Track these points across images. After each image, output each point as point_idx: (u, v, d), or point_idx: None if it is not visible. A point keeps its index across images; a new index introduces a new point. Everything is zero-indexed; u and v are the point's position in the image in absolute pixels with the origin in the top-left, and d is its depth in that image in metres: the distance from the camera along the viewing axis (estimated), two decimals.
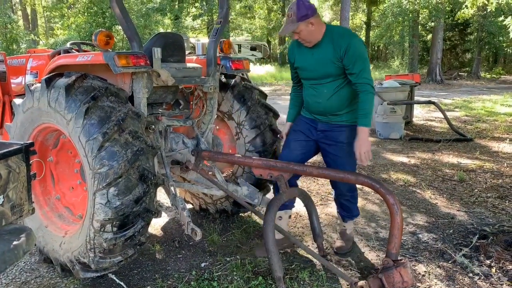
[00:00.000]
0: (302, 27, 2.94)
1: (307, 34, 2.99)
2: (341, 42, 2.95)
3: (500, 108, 12.76)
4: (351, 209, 3.48)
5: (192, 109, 3.76)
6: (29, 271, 3.25)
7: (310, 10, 2.93)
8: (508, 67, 38.92)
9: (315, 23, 2.95)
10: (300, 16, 2.90)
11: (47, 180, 3.32)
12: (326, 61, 3.02)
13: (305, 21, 2.91)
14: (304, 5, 2.92)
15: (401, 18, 26.59)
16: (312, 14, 2.93)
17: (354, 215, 3.54)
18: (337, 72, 3.04)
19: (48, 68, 3.26)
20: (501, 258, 3.22)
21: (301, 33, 2.99)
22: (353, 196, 3.44)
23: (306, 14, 2.90)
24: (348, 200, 3.42)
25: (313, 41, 3.03)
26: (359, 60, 2.94)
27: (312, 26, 2.95)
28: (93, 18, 21.11)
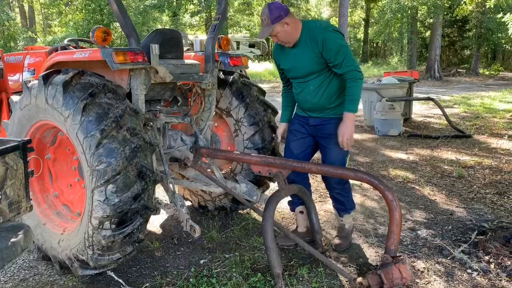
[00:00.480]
0: (278, 29, 2.95)
1: (285, 35, 3.00)
2: (317, 37, 2.93)
3: (499, 104, 12.76)
4: (344, 202, 3.43)
5: (191, 106, 3.75)
6: (28, 268, 3.24)
7: (283, 10, 2.94)
8: (506, 63, 38.96)
9: (290, 23, 2.95)
10: (273, 18, 2.92)
11: (45, 177, 3.31)
12: (307, 58, 3.03)
13: (280, 22, 2.93)
14: (275, 7, 2.94)
15: (399, 14, 26.57)
16: (285, 14, 2.94)
17: (348, 209, 3.48)
18: (320, 68, 3.04)
19: (45, 65, 3.24)
20: (500, 254, 3.23)
21: (278, 34, 3.00)
22: (344, 189, 3.39)
23: (279, 15, 2.92)
24: (340, 193, 3.38)
25: (292, 41, 3.04)
26: (339, 50, 2.91)
27: (288, 26, 2.95)
28: (91, 15, 21.06)
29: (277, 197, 3.10)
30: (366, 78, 22.00)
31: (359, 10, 41.11)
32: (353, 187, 5.07)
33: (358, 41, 43.55)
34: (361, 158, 6.58)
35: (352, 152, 6.88)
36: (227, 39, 3.71)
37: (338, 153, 3.16)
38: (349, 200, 3.45)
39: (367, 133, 8.59)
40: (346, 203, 3.44)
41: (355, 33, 43.13)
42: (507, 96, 15.17)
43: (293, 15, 3.02)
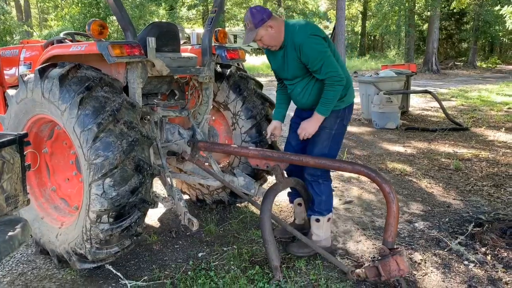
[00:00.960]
0: (262, 32, 2.91)
1: (269, 39, 2.95)
2: (296, 41, 2.87)
3: (496, 97, 12.77)
4: (314, 200, 3.17)
5: (188, 100, 3.74)
6: (26, 262, 3.24)
7: (265, 13, 2.89)
8: (504, 56, 38.95)
9: (273, 26, 2.90)
10: (256, 22, 2.87)
11: (42, 171, 3.30)
12: (290, 61, 2.99)
13: (263, 25, 2.88)
14: (257, 10, 2.90)
15: (397, 7, 26.50)
16: (268, 17, 2.89)
17: (316, 211, 3.16)
18: (303, 72, 3.00)
19: (41, 58, 3.23)
20: (496, 246, 3.25)
21: (263, 39, 2.95)
22: (317, 183, 3.12)
23: (262, 18, 2.87)
24: (312, 188, 3.15)
25: (277, 44, 2.99)
26: (316, 57, 2.84)
27: (272, 29, 2.90)
28: (87, 9, 20.93)
29: (275, 190, 3.11)
30: (364, 71, 22.02)
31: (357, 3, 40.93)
32: (350, 180, 5.09)
33: (356, 34, 43.42)
34: (359, 151, 6.59)
35: (350, 145, 6.89)
36: (224, 32, 3.69)
37: (320, 146, 3.08)
38: (320, 201, 3.14)
39: (364, 126, 8.60)
40: (315, 201, 3.16)
41: (353, 26, 42.99)
42: (504, 89, 15.19)
43: (276, 17, 2.96)
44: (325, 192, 3.16)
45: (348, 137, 7.58)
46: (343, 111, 3.10)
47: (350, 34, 42.16)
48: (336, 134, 3.10)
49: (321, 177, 3.13)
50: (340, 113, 3.08)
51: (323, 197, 3.15)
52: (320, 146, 3.07)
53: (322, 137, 3.07)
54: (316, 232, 3.22)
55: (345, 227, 3.79)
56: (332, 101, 2.91)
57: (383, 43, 47.30)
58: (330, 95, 2.89)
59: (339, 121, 3.09)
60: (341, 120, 3.09)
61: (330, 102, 2.91)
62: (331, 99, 2.90)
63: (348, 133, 7.87)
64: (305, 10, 40.62)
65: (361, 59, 33.64)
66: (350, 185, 4.96)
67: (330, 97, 2.89)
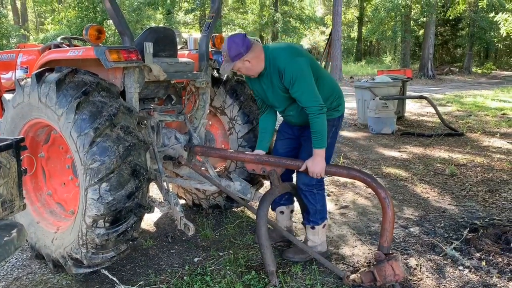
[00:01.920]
0: (238, 65, 2.83)
1: (247, 70, 2.88)
2: (278, 66, 2.79)
3: (491, 103, 12.85)
4: (308, 210, 3.14)
5: (185, 104, 3.75)
6: (21, 267, 3.23)
7: (243, 47, 2.76)
8: (499, 62, 39.20)
9: (251, 59, 2.80)
10: (232, 56, 2.78)
11: (39, 176, 3.30)
12: (274, 89, 2.92)
13: (240, 59, 2.79)
14: (235, 43, 2.77)
15: (393, 13, 26.64)
16: (245, 51, 2.76)
17: (311, 221, 3.15)
18: (290, 97, 2.89)
19: (38, 63, 3.23)
20: (491, 251, 3.26)
21: (240, 70, 2.89)
22: (312, 195, 3.08)
23: (239, 53, 2.76)
24: (306, 197, 3.10)
25: (256, 73, 2.91)
26: (296, 83, 2.74)
27: (249, 63, 2.81)
28: (84, 13, 20.90)
29: (271, 195, 3.12)
30: (360, 76, 22.10)
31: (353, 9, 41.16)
32: (346, 185, 5.10)
33: (352, 40, 43.60)
34: (355, 156, 6.61)
35: (346, 150, 6.91)
36: (221, 37, 3.71)
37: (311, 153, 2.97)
38: (315, 211, 3.12)
39: (360, 131, 8.63)
40: (310, 212, 3.13)
41: (349, 31, 43.20)
42: (499, 95, 15.28)
43: (255, 48, 2.81)
44: (319, 202, 3.13)
45: (344, 142, 7.61)
46: (337, 119, 3.10)
47: (346, 39, 42.33)
48: (329, 143, 3.03)
49: (316, 186, 3.08)
50: (335, 122, 3.08)
51: (318, 207, 3.12)
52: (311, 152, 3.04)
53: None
54: (312, 239, 3.22)
55: (341, 232, 3.80)
56: (323, 132, 2.81)
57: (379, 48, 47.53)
58: (317, 127, 2.79)
59: (334, 130, 3.08)
60: (335, 128, 3.09)
61: (322, 133, 2.81)
62: (320, 131, 2.80)
63: (344, 138, 7.91)
64: (302, 16, 40.76)
65: (357, 64, 33.78)
66: (346, 190, 4.98)
67: (318, 129, 2.80)
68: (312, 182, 3.04)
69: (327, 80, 3.02)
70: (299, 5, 40.48)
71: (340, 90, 3.15)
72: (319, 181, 3.09)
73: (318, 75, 2.91)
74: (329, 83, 3.03)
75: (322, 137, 2.82)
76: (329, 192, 4.88)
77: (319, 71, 2.95)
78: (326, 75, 3.03)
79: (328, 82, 3.03)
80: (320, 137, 2.82)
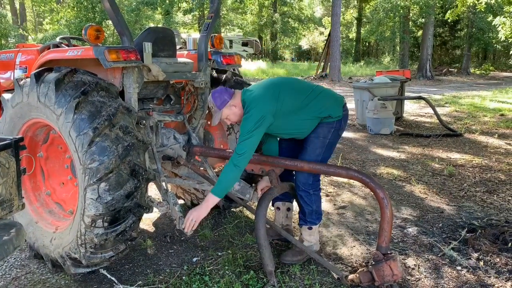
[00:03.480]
0: (226, 112, 3.01)
1: (234, 116, 3.03)
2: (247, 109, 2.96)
3: (489, 103, 12.89)
4: (304, 210, 3.17)
5: (183, 104, 3.75)
6: (20, 267, 3.23)
7: (226, 94, 2.99)
8: (497, 63, 39.33)
9: (236, 104, 2.99)
10: (219, 104, 2.98)
11: (37, 175, 3.30)
12: None
13: (226, 106, 2.98)
14: (219, 93, 3.00)
15: (392, 14, 26.70)
16: (229, 98, 2.99)
17: (308, 221, 3.17)
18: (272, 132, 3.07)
19: (37, 62, 3.23)
20: (489, 251, 3.27)
21: (229, 117, 3.05)
22: (308, 196, 3.11)
23: (224, 99, 2.97)
24: (301, 197, 3.13)
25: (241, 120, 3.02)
26: (241, 130, 2.88)
27: (235, 107, 2.99)
28: (83, 13, 20.90)
29: (270, 195, 3.12)
30: (358, 77, 22.13)
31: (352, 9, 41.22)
32: (344, 185, 5.11)
33: (351, 41, 43.67)
34: (353, 156, 6.62)
35: (344, 151, 6.92)
36: (220, 38, 3.71)
37: (313, 154, 3.04)
38: (311, 212, 3.15)
39: (359, 132, 8.64)
40: (306, 212, 3.16)
41: (348, 32, 43.25)
42: (498, 96, 15.33)
43: (237, 94, 3.03)
44: (315, 202, 3.15)
45: (342, 142, 7.62)
46: (337, 122, 3.05)
47: (345, 40, 42.39)
48: (330, 143, 3.06)
49: (312, 187, 3.10)
50: (335, 125, 3.04)
51: (314, 207, 3.15)
52: (313, 154, 3.04)
53: (315, 145, 3.04)
54: (308, 239, 3.23)
55: (339, 232, 3.81)
56: (225, 181, 2.85)
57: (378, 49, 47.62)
58: (224, 175, 2.85)
59: (334, 131, 3.05)
60: (335, 130, 3.06)
61: (223, 182, 2.85)
62: (224, 179, 2.85)
63: (343, 139, 7.91)
64: (301, 16, 40.82)
65: (356, 65, 33.85)
66: (344, 190, 4.99)
67: (223, 177, 2.85)
68: (308, 182, 3.07)
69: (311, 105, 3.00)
70: (298, 6, 40.54)
71: (332, 101, 3.09)
72: (316, 181, 3.13)
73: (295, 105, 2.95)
74: (316, 107, 3.00)
75: (222, 185, 2.85)
76: (327, 192, 4.89)
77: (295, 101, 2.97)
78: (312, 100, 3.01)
79: (315, 106, 3.00)
80: (220, 184, 2.85)
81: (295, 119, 2.98)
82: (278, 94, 2.92)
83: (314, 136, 3.04)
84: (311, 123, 3.02)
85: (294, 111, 2.95)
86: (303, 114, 2.97)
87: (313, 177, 3.09)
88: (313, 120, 3.00)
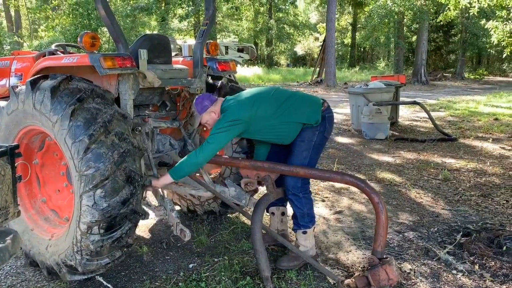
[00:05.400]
0: (206, 117, 3.14)
1: (213, 122, 3.12)
2: None
3: (484, 108, 12.97)
4: (296, 214, 3.20)
5: (179, 111, 3.76)
6: (15, 274, 3.21)
7: (207, 101, 3.11)
8: (491, 68, 39.62)
9: (215, 111, 3.10)
10: (199, 109, 3.11)
11: (33, 182, 3.29)
12: None
13: (206, 111, 3.10)
14: (201, 99, 3.11)
15: (386, 19, 26.87)
16: (210, 104, 3.10)
17: (301, 225, 3.19)
18: None
19: (33, 70, 3.24)
20: (484, 255, 3.29)
21: (208, 122, 3.17)
22: (299, 200, 3.14)
23: (204, 105, 3.09)
24: (292, 201, 3.17)
25: None
26: (213, 128, 3.02)
27: (214, 114, 3.11)
28: (79, 20, 20.89)
29: (266, 200, 3.13)
30: (354, 83, 22.21)
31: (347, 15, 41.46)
32: (341, 190, 5.12)
33: (346, 46, 43.90)
34: (349, 161, 6.64)
35: (340, 156, 6.95)
36: (215, 44, 3.73)
37: (300, 157, 3.08)
38: (303, 215, 3.17)
39: (354, 137, 8.67)
40: (298, 216, 3.19)
41: (343, 38, 43.49)
42: (492, 100, 15.44)
43: (219, 101, 3.14)
44: (306, 205, 3.17)
45: (338, 147, 7.65)
46: (321, 125, 3.07)
47: (340, 46, 42.62)
48: (316, 145, 3.09)
49: (301, 190, 3.12)
50: (319, 128, 3.06)
51: (305, 210, 3.17)
52: (300, 157, 3.08)
53: (301, 148, 3.07)
54: (304, 244, 3.24)
55: (336, 237, 3.82)
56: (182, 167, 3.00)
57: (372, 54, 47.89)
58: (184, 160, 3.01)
59: (318, 134, 3.07)
60: (320, 132, 3.08)
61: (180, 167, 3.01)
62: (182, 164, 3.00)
63: (338, 144, 7.94)
64: (296, 22, 41.00)
65: (351, 70, 34.01)
66: (341, 195, 5.00)
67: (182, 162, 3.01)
68: (297, 185, 3.11)
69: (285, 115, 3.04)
70: (293, 12, 40.74)
71: (307, 106, 3.11)
72: (304, 184, 3.16)
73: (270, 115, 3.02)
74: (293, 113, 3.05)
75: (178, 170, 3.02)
76: (323, 197, 4.90)
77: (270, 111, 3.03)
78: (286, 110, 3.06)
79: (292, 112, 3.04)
80: (176, 169, 3.03)
81: (276, 123, 3.05)
82: (253, 101, 3.05)
83: (300, 139, 3.08)
84: (293, 127, 3.07)
85: (272, 116, 3.01)
86: (282, 118, 3.04)
87: (302, 180, 3.11)
88: (293, 124, 3.06)
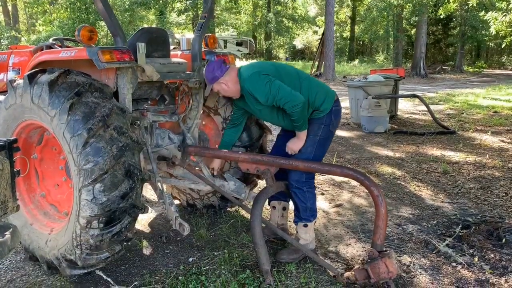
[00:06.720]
0: (217, 87, 3.10)
1: (225, 92, 3.12)
2: (245, 87, 3.02)
3: (483, 101, 12.96)
4: (298, 207, 3.21)
5: (178, 105, 3.74)
6: (15, 269, 3.22)
7: (218, 71, 3.04)
8: (490, 60, 39.57)
9: (226, 82, 3.05)
10: (210, 79, 3.07)
11: (32, 177, 3.28)
12: (255, 105, 3.07)
13: (216, 82, 3.06)
14: (211, 68, 3.06)
15: (385, 12, 26.80)
16: (220, 75, 3.04)
17: (302, 218, 3.20)
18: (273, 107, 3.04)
19: (30, 64, 3.22)
20: (483, 247, 3.30)
21: (219, 92, 3.14)
22: (302, 193, 3.14)
23: (214, 76, 3.04)
24: (296, 194, 3.17)
25: (235, 95, 3.15)
26: (263, 94, 2.92)
27: (225, 85, 3.07)
28: (76, 14, 20.80)
29: (265, 194, 3.13)
30: (353, 76, 22.18)
31: (345, 8, 41.31)
32: (340, 183, 5.12)
33: (345, 39, 43.79)
34: (348, 154, 6.64)
35: (339, 149, 6.94)
36: (213, 38, 3.71)
37: (304, 152, 3.09)
38: (305, 208, 3.18)
39: (353, 130, 8.67)
40: (300, 209, 3.19)
41: (342, 31, 43.35)
42: (491, 93, 15.42)
43: (231, 71, 3.06)
44: (309, 200, 3.18)
45: (337, 141, 7.64)
46: (327, 117, 3.08)
47: (339, 39, 42.49)
48: (321, 140, 3.09)
49: (306, 184, 3.13)
50: (324, 120, 3.08)
51: (308, 204, 3.17)
52: (304, 152, 3.08)
53: (306, 144, 3.08)
54: (304, 237, 3.25)
55: (336, 230, 3.82)
56: (300, 120, 2.97)
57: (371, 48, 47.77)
58: (295, 118, 2.96)
59: (324, 127, 3.08)
60: (326, 126, 3.09)
61: (300, 122, 2.98)
62: (298, 120, 2.96)
63: (338, 137, 7.93)
64: (294, 15, 40.87)
65: (350, 64, 33.94)
66: (341, 188, 5.00)
67: (297, 119, 2.96)
68: (302, 179, 3.11)
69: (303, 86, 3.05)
70: (291, 5, 40.58)
71: (323, 91, 3.12)
72: (309, 179, 3.15)
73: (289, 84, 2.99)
74: (306, 89, 3.04)
75: (301, 124, 3.00)
76: (323, 190, 4.90)
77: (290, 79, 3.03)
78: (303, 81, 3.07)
79: (304, 87, 3.04)
80: (299, 124, 3.00)
81: None
82: (276, 68, 3.08)
83: (307, 134, 3.07)
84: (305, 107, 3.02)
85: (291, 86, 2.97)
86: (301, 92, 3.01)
87: (306, 174, 3.10)
88: (306, 104, 3.00)
